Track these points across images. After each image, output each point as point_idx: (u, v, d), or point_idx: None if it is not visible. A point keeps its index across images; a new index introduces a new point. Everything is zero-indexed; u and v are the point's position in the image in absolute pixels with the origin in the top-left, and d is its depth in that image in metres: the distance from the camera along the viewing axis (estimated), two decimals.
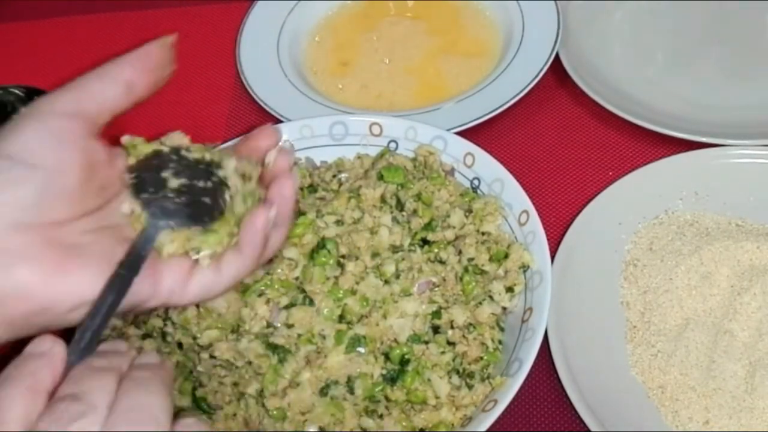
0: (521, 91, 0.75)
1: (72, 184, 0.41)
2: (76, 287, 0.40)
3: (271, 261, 0.59)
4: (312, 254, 0.59)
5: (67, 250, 0.40)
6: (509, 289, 0.60)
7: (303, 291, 0.58)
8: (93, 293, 0.40)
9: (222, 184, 0.49)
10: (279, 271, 0.59)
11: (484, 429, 0.52)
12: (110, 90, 0.44)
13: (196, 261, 0.46)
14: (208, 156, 0.50)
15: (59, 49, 0.92)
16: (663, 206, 0.67)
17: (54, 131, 0.41)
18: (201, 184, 0.48)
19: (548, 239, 0.61)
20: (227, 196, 0.47)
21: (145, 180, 0.47)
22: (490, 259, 0.62)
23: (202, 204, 0.47)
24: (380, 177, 0.66)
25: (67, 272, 0.40)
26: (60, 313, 0.40)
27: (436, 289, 0.60)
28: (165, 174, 0.47)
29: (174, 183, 0.47)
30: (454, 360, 0.57)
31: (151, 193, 0.47)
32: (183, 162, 0.48)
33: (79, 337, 0.40)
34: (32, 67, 0.91)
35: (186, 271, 0.45)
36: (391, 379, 0.56)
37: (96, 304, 0.41)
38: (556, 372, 0.57)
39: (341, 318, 0.58)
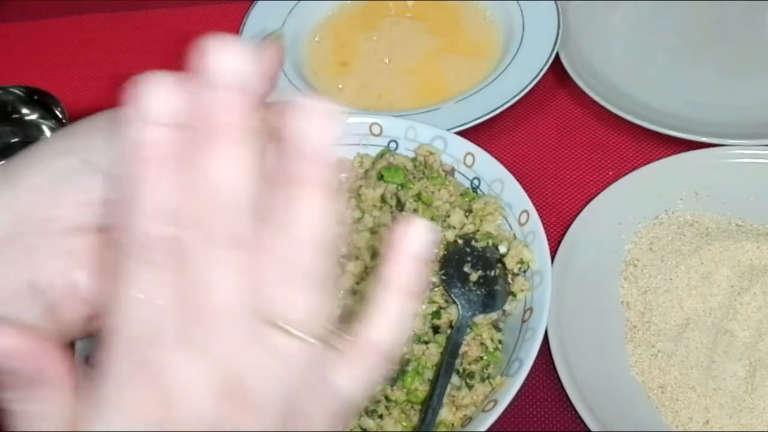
0: (521, 91, 0.75)
1: None
2: None
3: None
4: None
5: None
6: (512, 294, 0.60)
7: None
8: None
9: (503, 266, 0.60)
10: None
11: (484, 429, 0.52)
12: None
13: None
14: (490, 242, 0.61)
15: (59, 49, 0.92)
16: (663, 206, 0.67)
17: None
18: (491, 273, 0.60)
19: (548, 239, 0.61)
20: None
21: (453, 276, 0.59)
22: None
23: (496, 293, 0.60)
24: (380, 177, 0.66)
25: None
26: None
27: (436, 289, 0.60)
28: (466, 269, 0.60)
29: (474, 276, 0.60)
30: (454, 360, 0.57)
31: (460, 288, 0.59)
32: (475, 253, 0.61)
33: (424, 416, 0.53)
34: (32, 67, 0.91)
35: None
36: (391, 379, 0.56)
37: (436, 389, 0.54)
38: (556, 372, 0.57)
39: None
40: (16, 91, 0.76)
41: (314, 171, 0.29)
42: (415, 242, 0.32)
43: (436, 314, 0.59)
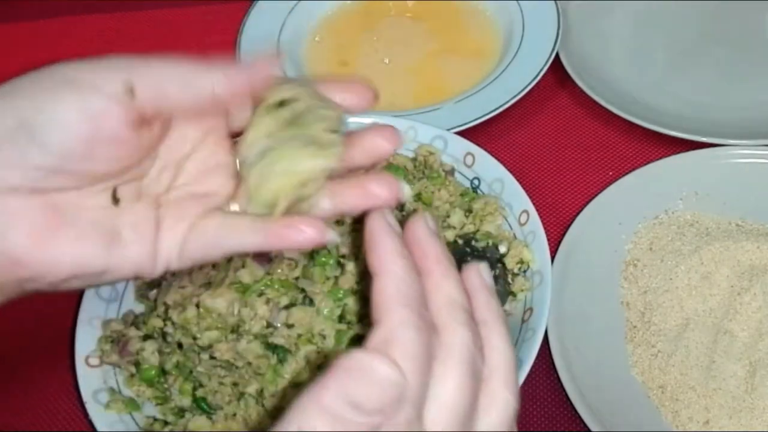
0: (521, 91, 0.75)
1: (94, 172, 0.38)
2: (70, 257, 0.38)
3: (271, 260, 0.59)
4: (312, 254, 0.59)
5: (65, 217, 0.38)
6: (512, 294, 0.60)
7: (303, 291, 0.58)
8: (87, 265, 0.38)
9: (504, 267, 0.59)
10: (279, 271, 0.59)
11: None
12: (185, 98, 0.39)
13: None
14: (490, 242, 0.59)
15: (59, 49, 0.93)
16: (663, 206, 0.67)
17: (93, 118, 0.36)
18: (492, 273, 0.57)
19: (548, 239, 0.61)
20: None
21: None
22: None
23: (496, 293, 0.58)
24: None
25: (61, 240, 0.37)
26: (53, 282, 0.38)
27: None
28: None
29: None
30: None
31: None
32: (475, 254, 0.59)
33: None
34: (32, 67, 0.91)
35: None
36: None
37: None
38: (556, 372, 0.57)
39: (341, 318, 0.58)
40: None
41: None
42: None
43: None
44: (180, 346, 0.59)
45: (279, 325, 0.57)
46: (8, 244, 0.36)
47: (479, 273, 0.38)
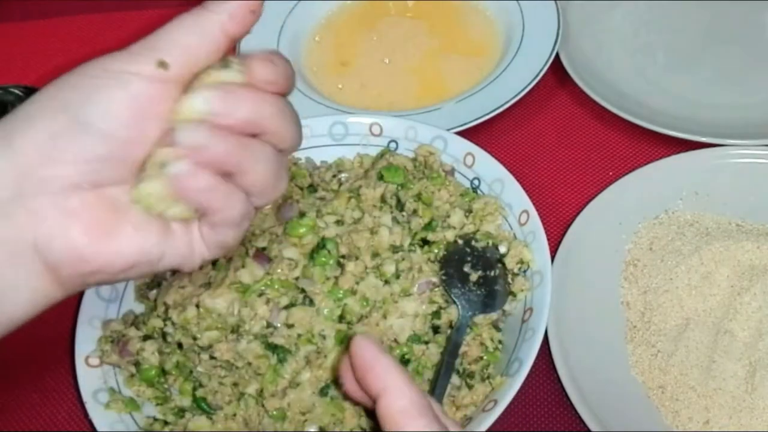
0: (521, 91, 0.75)
1: (143, 154, 0.39)
2: (128, 249, 0.39)
3: (271, 260, 0.59)
4: (312, 254, 0.59)
5: (121, 211, 0.39)
6: (512, 293, 0.60)
7: (303, 291, 0.58)
8: (147, 253, 0.40)
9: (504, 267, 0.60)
10: (279, 271, 0.59)
11: (484, 429, 0.52)
12: (206, 45, 0.41)
13: None
14: (490, 242, 0.61)
15: (59, 49, 0.92)
16: (663, 206, 0.67)
17: (138, 100, 0.38)
18: (491, 273, 0.60)
19: (548, 239, 0.61)
20: None
21: (453, 276, 0.59)
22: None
23: (496, 293, 0.60)
24: (380, 177, 0.66)
25: (122, 233, 0.39)
26: (113, 273, 0.40)
27: (436, 289, 0.60)
28: (466, 269, 0.60)
29: (474, 276, 0.60)
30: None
31: (460, 288, 0.59)
32: (475, 254, 0.61)
33: None
34: (32, 67, 0.91)
35: None
36: None
37: (436, 389, 0.54)
38: (556, 372, 0.57)
39: (341, 318, 0.58)
40: (16, 91, 0.76)
41: None
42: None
43: (436, 314, 0.59)
44: (180, 346, 0.59)
45: (279, 325, 0.57)
46: (71, 242, 0.38)
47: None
